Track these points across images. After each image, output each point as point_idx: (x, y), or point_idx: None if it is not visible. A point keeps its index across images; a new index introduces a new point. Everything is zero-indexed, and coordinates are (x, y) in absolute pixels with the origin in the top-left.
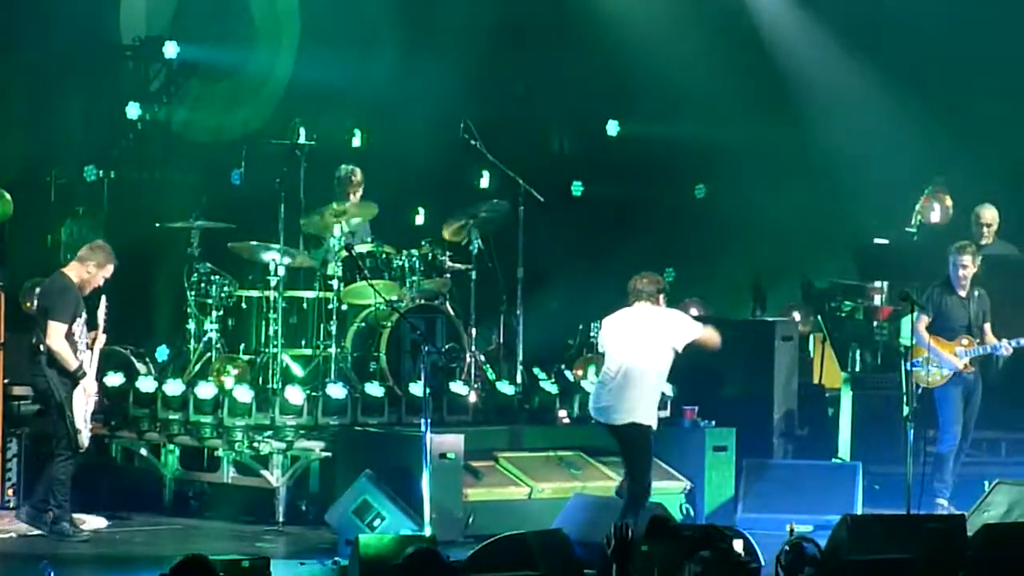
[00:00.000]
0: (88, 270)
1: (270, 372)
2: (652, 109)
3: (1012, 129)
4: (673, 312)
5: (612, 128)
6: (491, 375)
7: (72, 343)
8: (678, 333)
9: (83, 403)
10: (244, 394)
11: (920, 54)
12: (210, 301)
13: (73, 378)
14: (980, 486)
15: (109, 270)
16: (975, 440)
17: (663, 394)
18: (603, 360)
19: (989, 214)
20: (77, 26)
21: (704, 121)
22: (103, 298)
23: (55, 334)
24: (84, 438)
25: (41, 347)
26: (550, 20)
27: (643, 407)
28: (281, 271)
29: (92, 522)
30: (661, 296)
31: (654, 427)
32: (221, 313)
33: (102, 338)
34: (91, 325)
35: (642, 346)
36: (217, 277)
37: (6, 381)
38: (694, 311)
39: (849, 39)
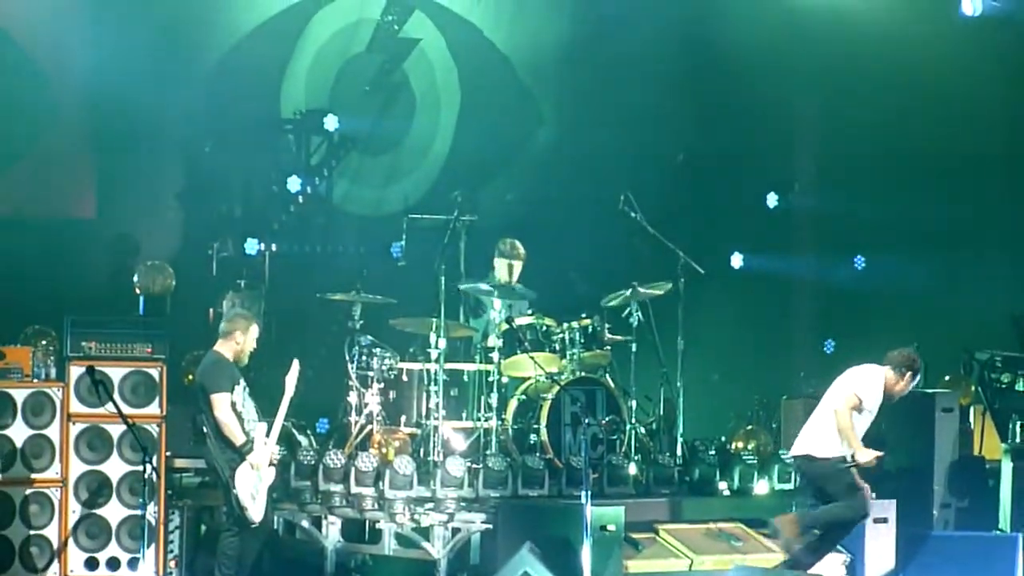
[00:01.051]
0: (236, 341)
1: (431, 444)
2: (811, 181)
3: None
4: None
5: (772, 200)
6: (651, 446)
7: (238, 415)
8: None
9: (252, 478)
10: (405, 466)
11: None
12: (371, 374)
13: (240, 453)
14: None
15: (255, 331)
16: None
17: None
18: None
19: None
20: (241, 97)
21: (860, 193)
22: (295, 362)
23: (220, 405)
24: (253, 513)
25: (204, 428)
26: (709, 94)
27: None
28: (442, 344)
29: None
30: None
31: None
32: (382, 385)
33: (285, 403)
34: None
35: None
36: (378, 349)
37: (168, 454)
38: None
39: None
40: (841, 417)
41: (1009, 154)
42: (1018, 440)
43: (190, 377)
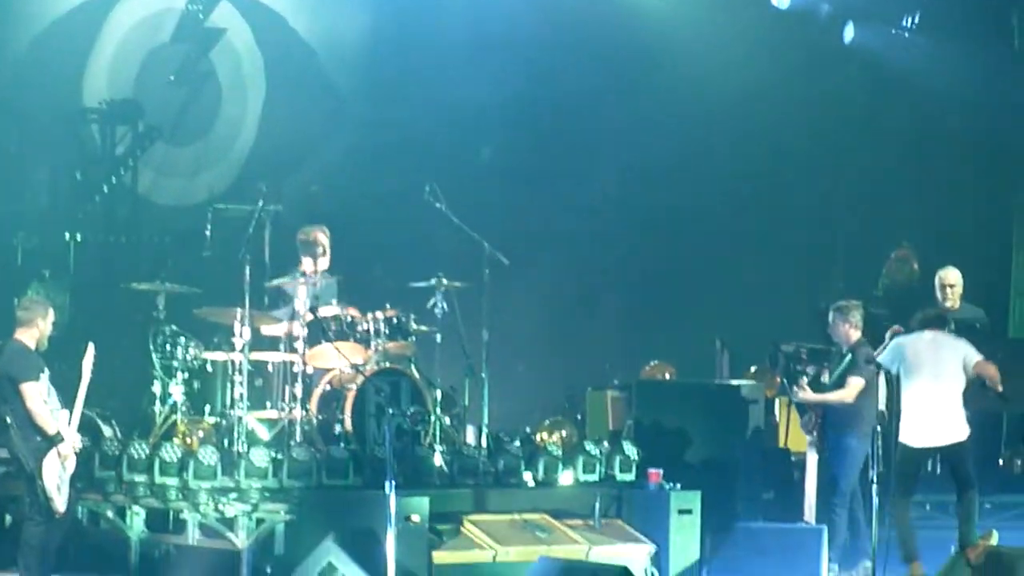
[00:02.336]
0: (38, 327)
1: (235, 434)
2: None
3: (978, 193)
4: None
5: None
6: (456, 437)
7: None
8: None
9: (57, 468)
10: (209, 456)
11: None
12: (175, 364)
13: (50, 442)
14: (948, 548)
15: (52, 315)
16: (940, 503)
17: (628, 457)
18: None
19: (951, 276)
20: (43, 89)
21: (666, 183)
22: (90, 346)
23: (31, 395)
24: (59, 503)
25: (7, 418)
26: (515, 87)
27: None
28: (247, 334)
29: None
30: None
31: None
32: (187, 375)
33: (84, 388)
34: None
35: None
36: (183, 339)
37: None
38: (667, 374)
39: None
40: None
41: (811, 148)
42: None
43: None
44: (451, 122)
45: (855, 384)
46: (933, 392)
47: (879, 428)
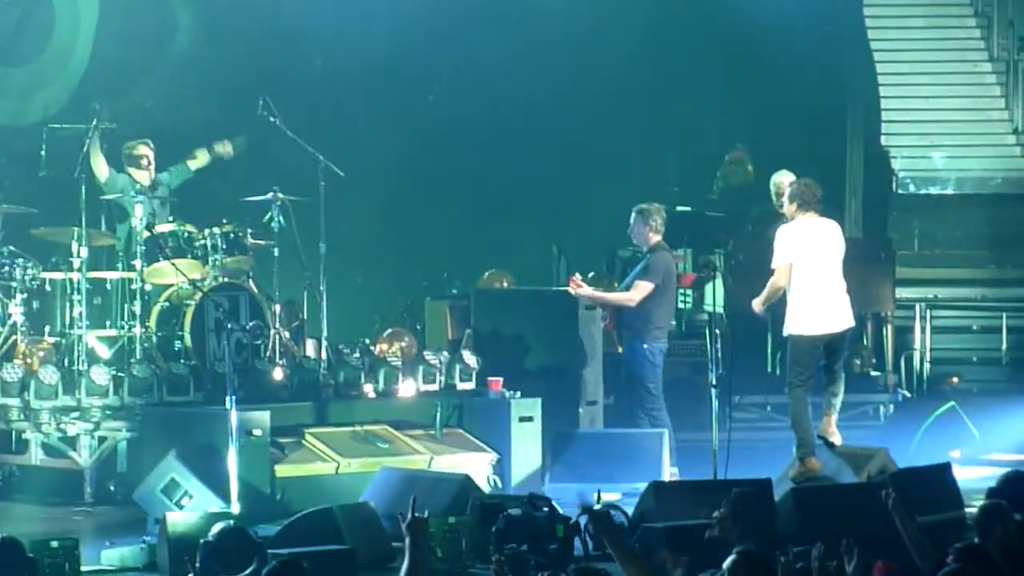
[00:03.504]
0: None
1: (75, 354)
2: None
3: (809, 96)
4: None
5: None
6: (295, 350)
7: None
8: None
9: None
10: (50, 376)
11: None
12: (14, 284)
13: None
14: (789, 450)
15: None
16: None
17: (468, 366)
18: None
19: (785, 180)
20: None
21: (504, 91)
22: None
23: None
24: None
25: None
26: None
27: None
28: (84, 253)
29: None
30: None
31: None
32: (25, 296)
33: None
34: None
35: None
36: (20, 260)
37: None
38: (504, 283)
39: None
40: None
41: (642, 51)
42: None
43: None
44: (284, 34)
45: (642, 288)
46: (829, 277)
47: (717, 331)
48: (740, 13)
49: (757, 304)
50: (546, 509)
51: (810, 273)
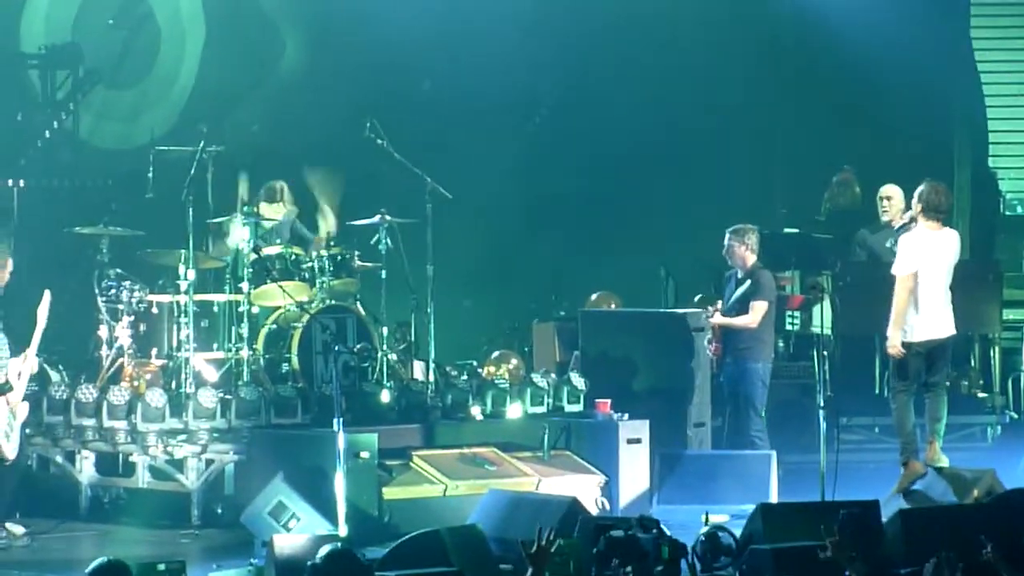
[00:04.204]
0: None
1: (182, 376)
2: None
3: (916, 117)
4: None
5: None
6: (403, 373)
7: None
8: None
9: (5, 415)
10: (157, 398)
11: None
12: (121, 307)
13: None
14: (896, 471)
15: (10, 264)
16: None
17: (576, 387)
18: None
19: (888, 189)
20: None
21: (600, 111)
22: (46, 293)
23: None
24: (8, 450)
25: None
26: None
27: None
28: (191, 275)
29: (11, 531)
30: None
31: None
32: (132, 318)
33: (38, 334)
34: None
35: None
36: (127, 282)
37: None
38: (612, 304)
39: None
40: None
41: (752, 75)
42: None
43: None
44: (390, 57)
45: (760, 308)
46: (938, 287)
47: (825, 352)
48: (846, 36)
49: (893, 341)
50: (654, 531)
51: (922, 283)
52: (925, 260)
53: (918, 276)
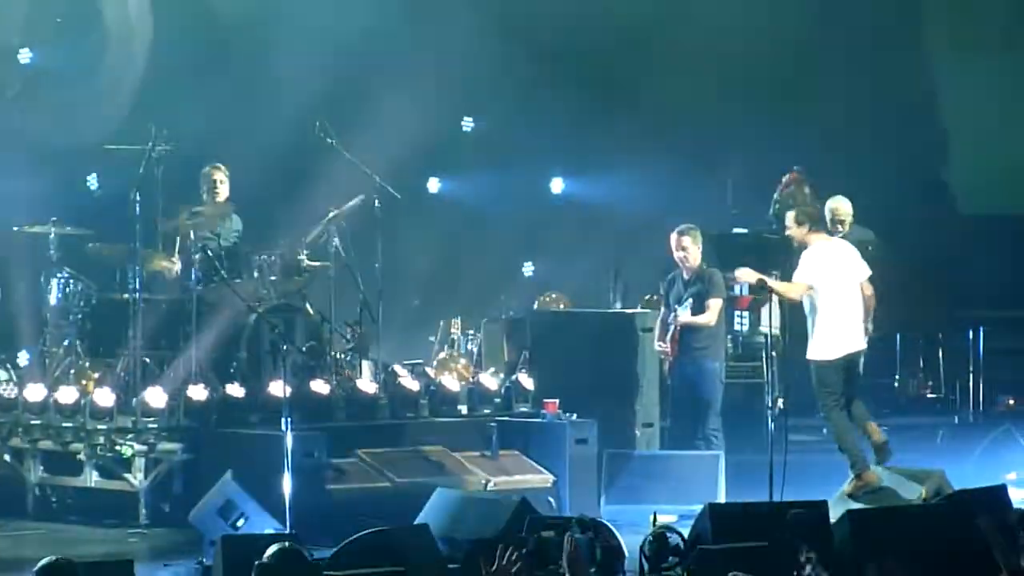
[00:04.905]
0: None
1: (131, 375)
2: (506, 106)
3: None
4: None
5: (467, 124)
6: (351, 372)
7: None
8: None
9: None
10: (106, 397)
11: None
12: (70, 305)
13: None
14: (845, 472)
15: None
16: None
17: (524, 388)
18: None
19: (842, 208)
20: None
21: (559, 115)
22: None
23: None
24: None
25: None
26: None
27: None
28: (141, 273)
29: None
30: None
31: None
32: (81, 317)
33: None
34: None
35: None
36: (77, 281)
37: None
38: (562, 305)
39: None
40: None
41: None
42: None
43: None
44: (338, 55)
45: (716, 306)
46: (853, 298)
47: (773, 353)
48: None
49: (749, 274)
50: (589, 532)
51: (829, 297)
52: (824, 275)
53: (818, 292)
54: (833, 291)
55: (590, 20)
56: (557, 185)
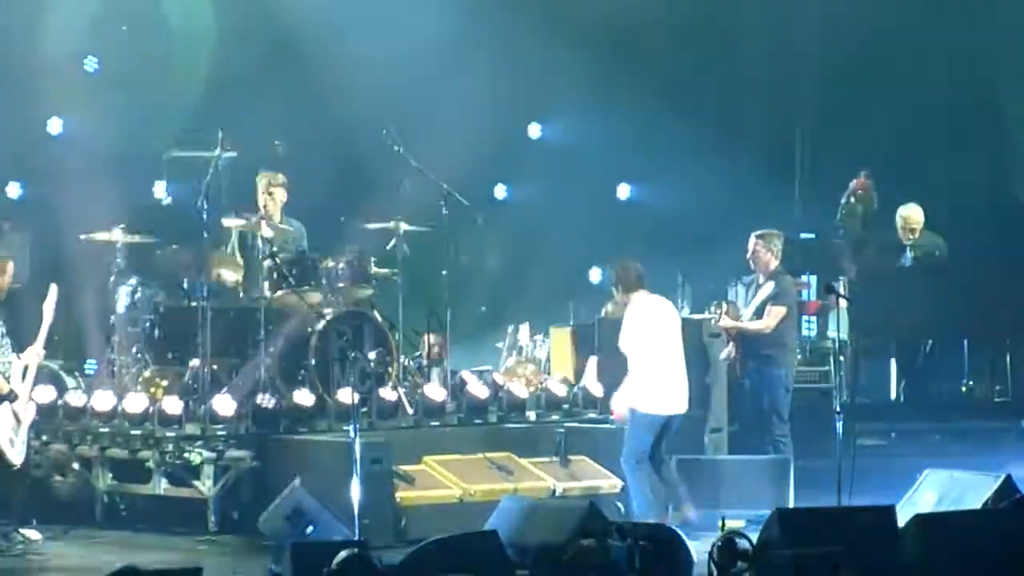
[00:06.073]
0: None
1: (200, 382)
2: (572, 112)
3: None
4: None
5: (534, 130)
6: (419, 379)
7: None
8: None
9: (9, 421)
10: (174, 405)
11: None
12: (138, 313)
13: (3, 399)
14: (913, 476)
15: (11, 268)
16: (912, 431)
17: (592, 394)
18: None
19: (913, 216)
20: None
21: (625, 122)
22: (52, 287)
23: None
24: (13, 456)
25: None
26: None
27: None
28: (208, 280)
29: (27, 536)
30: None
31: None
32: (149, 324)
33: (45, 329)
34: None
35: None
36: (145, 288)
37: None
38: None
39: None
40: None
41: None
42: None
43: None
44: (406, 62)
45: (776, 313)
46: (677, 357)
47: (841, 358)
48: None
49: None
50: (628, 540)
51: (655, 354)
52: (647, 331)
53: (643, 347)
54: (658, 348)
55: (654, 23)
56: (623, 191)
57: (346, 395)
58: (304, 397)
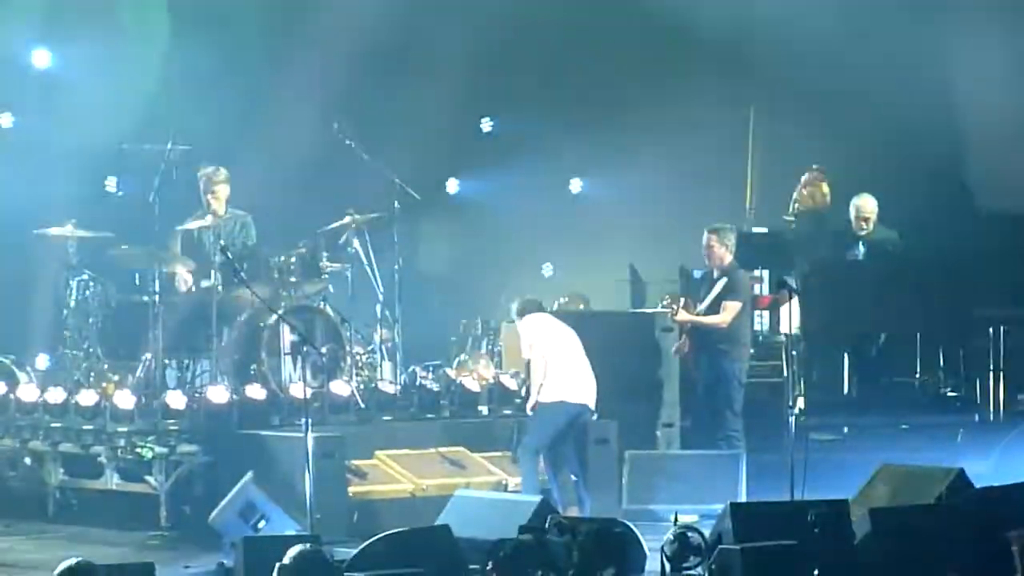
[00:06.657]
0: None
1: (152, 377)
2: (526, 105)
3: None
4: None
5: (486, 125)
6: (371, 373)
7: None
8: None
9: None
10: (126, 400)
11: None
12: (90, 308)
13: None
14: (865, 470)
15: None
16: (865, 425)
17: None
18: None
19: (866, 206)
20: None
21: (578, 114)
22: None
23: None
24: None
25: None
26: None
27: None
28: (162, 276)
29: None
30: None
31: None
32: (101, 320)
33: None
34: None
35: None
36: (96, 284)
37: None
38: (580, 306)
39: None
40: None
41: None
42: None
43: None
44: (356, 56)
45: (731, 308)
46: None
47: (794, 352)
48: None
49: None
50: (568, 535)
51: (551, 352)
52: (549, 342)
53: (547, 348)
54: (555, 348)
55: (604, 21)
56: (575, 185)
57: (298, 390)
58: (256, 392)
